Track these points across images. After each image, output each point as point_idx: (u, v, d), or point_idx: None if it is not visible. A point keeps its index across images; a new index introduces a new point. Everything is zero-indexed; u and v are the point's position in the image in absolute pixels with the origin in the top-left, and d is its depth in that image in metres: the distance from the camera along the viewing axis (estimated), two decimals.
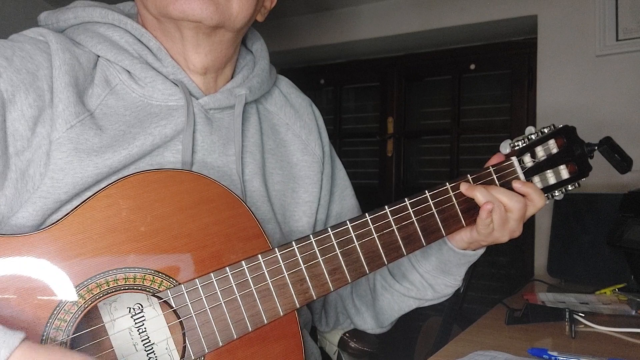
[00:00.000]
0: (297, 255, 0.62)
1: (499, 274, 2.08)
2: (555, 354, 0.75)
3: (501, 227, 0.71)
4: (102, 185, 0.58)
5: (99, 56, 0.69)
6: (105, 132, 0.64)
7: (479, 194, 0.70)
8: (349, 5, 2.10)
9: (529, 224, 1.74)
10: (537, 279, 1.48)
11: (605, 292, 1.21)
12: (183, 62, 0.71)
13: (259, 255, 0.61)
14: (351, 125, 2.45)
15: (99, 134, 0.64)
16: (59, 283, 0.54)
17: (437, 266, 0.78)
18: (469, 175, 0.72)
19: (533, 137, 0.75)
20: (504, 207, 0.70)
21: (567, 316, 0.95)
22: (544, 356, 0.76)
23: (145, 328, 0.60)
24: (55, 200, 0.61)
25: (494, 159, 0.76)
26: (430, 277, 0.79)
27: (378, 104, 2.32)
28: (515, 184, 0.72)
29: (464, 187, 0.71)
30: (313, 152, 0.83)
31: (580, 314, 0.97)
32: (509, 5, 1.80)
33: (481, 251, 0.78)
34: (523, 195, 0.72)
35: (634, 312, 1.04)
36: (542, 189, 0.75)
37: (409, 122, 2.28)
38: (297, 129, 0.83)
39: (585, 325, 0.94)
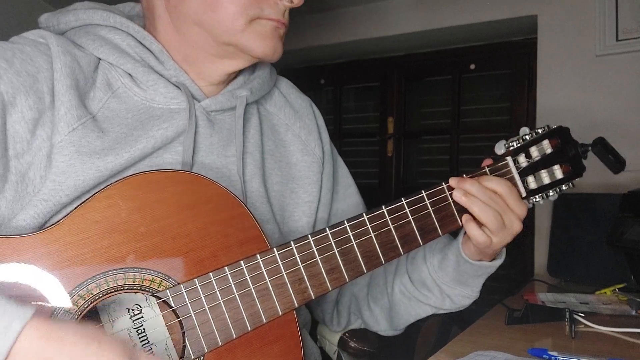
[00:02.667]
0: (295, 255, 0.62)
1: (499, 274, 2.07)
2: (555, 354, 0.75)
3: (501, 215, 0.70)
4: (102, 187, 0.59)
5: (100, 59, 0.69)
6: (107, 134, 0.65)
7: (469, 185, 0.70)
8: (349, 5, 2.10)
9: (529, 224, 1.74)
10: (537, 279, 1.48)
11: (605, 292, 1.21)
12: (187, 67, 0.72)
13: (258, 255, 0.61)
14: (351, 125, 2.45)
15: (101, 137, 0.64)
16: (59, 284, 0.54)
17: (453, 277, 0.78)
18: (465, 176, 0.72)
19: (527, 137, 0.76)
20: (496, 193, 0.70)
21: (567, 316, 0.95)
22: (544, 356, 0.76)
23: (144, 328, 0.60)
24: (57, 203, 0.61)
25: (488, 161, 0.76)
26: (447, 288, 0.79)
27: (378, 104, 2.32)
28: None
29: (453, 182, 0.71)
30: (313, 152, 0.83)
31: (580, 314, 0.97)
32: (509, 5, 1.80)
33: (498, 262, 0.77)
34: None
35: (634, 312, 1.04)
36: (536, 189, 0.75)
37: (409, 122, 2.28)
38: (296, 130, 0.83)
39: (585, 325, 0.94)
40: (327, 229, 0.64)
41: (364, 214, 0.67)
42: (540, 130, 0.76)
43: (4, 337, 0.44)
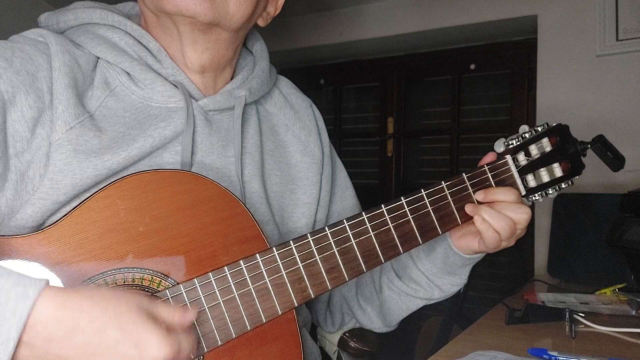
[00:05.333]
0: (294, 254, 0.62)
1: (499, 274, 2.08)
2: (555, 354, 0.75)
3: (509, 238, 0.71)
4: (101, 187, 0.59)
5: (98, 58, 0.69)
6: (104, 133, 0.64)
7: (486, 215, 0.70)
8: (349, 5, 2.10)
9: (529, 224, 1.74)
10: (537, 279, 1.48)
11: (605, 292, 1.21)
12: (181, 60, 0.71)
13: (257, 255, 0.61)
14: (351, 125, 2.45)
15: (99, 136, 0.64)
16: (58, 284, 0.54)
17: (442, 268, 0.78)
18: (464, 174, 0.72)
19: (527, 135, 0.75)
20: (512, 221, 0.70)
21: (567, 316, 0.95)
22: (544, 356, 0.76)
23: None
24: (54, 202, 0.61)
25: (487, 158, 0.76)
26: (436, 278, 0.79)
27: (378, 104, 2.32)
28: (478, 196, 0.72)
29: (469, 209, 0.71)
30: (312, 153, 0.83)
31: (580, 314, 0.97)
32: (509, 5, 1.80)
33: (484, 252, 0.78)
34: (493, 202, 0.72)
35: (634, 312, 1.04)
36: (536, 187, 0.75)
37: (409, 122, 2.28)
38: (296, 130, 0.83)
39: (585, 325, 0.94)
40: (326, 228, 0.64)
41: (363, 214, 0.66)
42: (539, 128, 0.76)
43: (22, 304, 0.44)
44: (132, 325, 0.47)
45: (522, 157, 0.75)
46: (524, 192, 0.75)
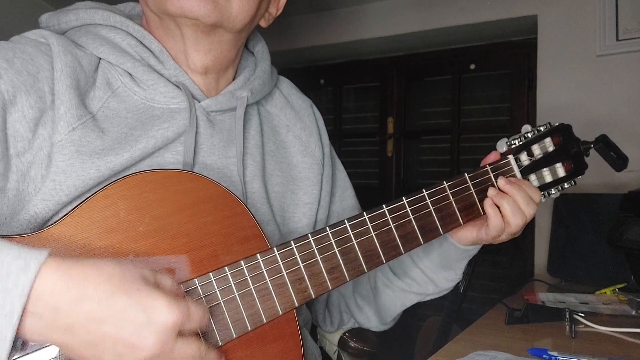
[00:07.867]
0: (295, 255, 0.62)
1: (499, 274, 2.08)
2: (555, 354, 0.75)
3: (513, 233, 0.72)
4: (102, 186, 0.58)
5: (100, 59, 0.69)
6: (107, 134, 0.64)
7: (506, 205, 0.71)
8: (349, 5, 2.10)
9: (529, 224, 1.74)
10: (537, 279, 1.48)
11: (605, 292, 1.21)
12: (184, 61, 0.71)
13: (258, 255, 0.61)
14: (351, 125, 2.45)
15: (101, 136, 0.64)
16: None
17: (438, 262, 0.79)
18: (466, 174, 0.72)
19: (529, 135, 0.75)
20: (525, 216, 0.72)
21: (567, 316, 0.95)
22: (544, 356, 0.76)
23: None
24: (57, 203, 0.61)
25: (490, 157, 0.76)
26: (431, 272, 0.80)
27: (378, 104, 2.32)
28: (501, 182, 0.72)
29: (491, 193, 0.72)
30: (313, 153, 0.83)
31: (580, 314, 0.97)
32: (509, 5, 1.80)
33: (480, 245, 0.78)
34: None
35: (634, 312, 1.04)
36: (538, 187, 0.75)
37: (409, 122, 2.28)
38: (297, 131, 0.83)
39: (585, 325, 0.94)
40: (327, 228, 0.64)
41: (365, 214, 0.66)
42: (542, 128, 0.76)
43: (24, 277, 0.44)
44: (138, 292, 0.47)
45: (524, 157, 0.75)
46: None
